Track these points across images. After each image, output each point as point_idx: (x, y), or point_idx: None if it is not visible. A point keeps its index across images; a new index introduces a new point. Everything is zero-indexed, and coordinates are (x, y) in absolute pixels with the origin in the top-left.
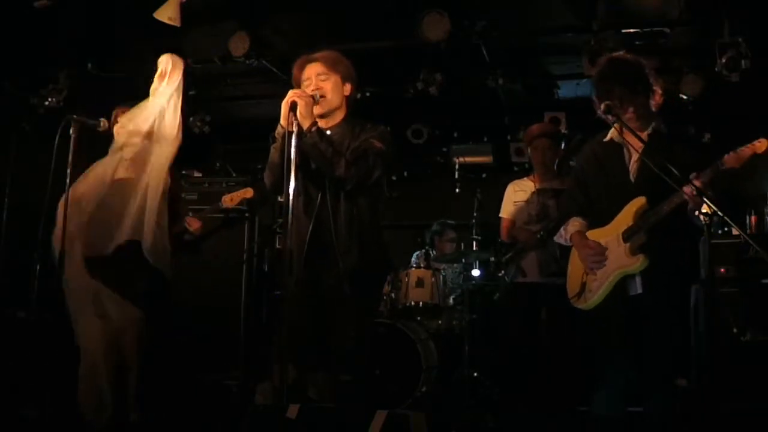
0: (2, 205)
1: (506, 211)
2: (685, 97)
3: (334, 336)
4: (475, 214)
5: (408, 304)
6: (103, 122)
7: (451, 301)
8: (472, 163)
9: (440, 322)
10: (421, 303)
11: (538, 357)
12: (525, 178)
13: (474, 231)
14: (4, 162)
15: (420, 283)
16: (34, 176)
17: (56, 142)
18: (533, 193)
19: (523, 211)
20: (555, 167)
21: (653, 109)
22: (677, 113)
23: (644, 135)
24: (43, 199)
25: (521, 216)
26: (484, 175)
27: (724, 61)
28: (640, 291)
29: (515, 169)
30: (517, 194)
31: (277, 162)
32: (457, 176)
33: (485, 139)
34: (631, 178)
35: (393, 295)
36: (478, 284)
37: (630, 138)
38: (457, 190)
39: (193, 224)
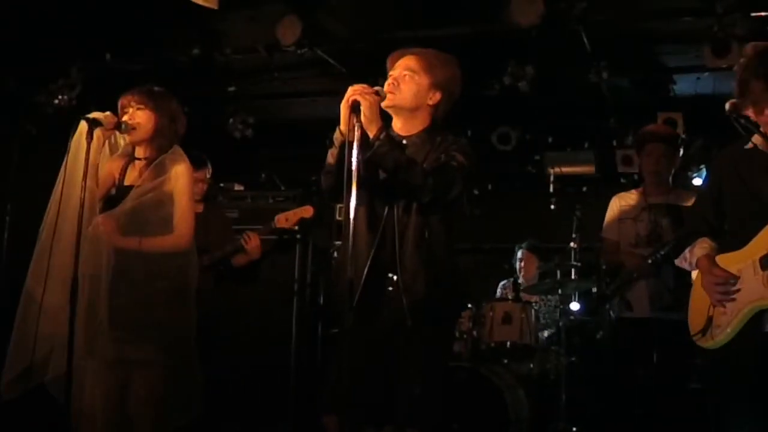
0: (2, 222)
1: (609, 230)
2: None
3: (399, 382)
4: (573, 235)
5: (493, 345)
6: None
7: (544, 340)
8: (571, 174)
9: (532, 365)
10: (508, 343)
11: (648, 407)
12: (633, 191)
13: (573, 256)
14: (5, 171)
15: (507, 318)
16: (41, 188)
17: (87, 147)
18: (643, 209)
19: (629, 230)
20: (670, 178)
21: None
22: None
23: None
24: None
25: (628, 236)
26: (584, 189)
27: None
28: None
29: (622, 181)
30: (623, 210)
31: (335, 167)
32: (552, 190)
33: (586, 146)
34: None
35: (475, 333)
36: (577, 320)
37: None
38: (552, 207)
39: (252, 241)
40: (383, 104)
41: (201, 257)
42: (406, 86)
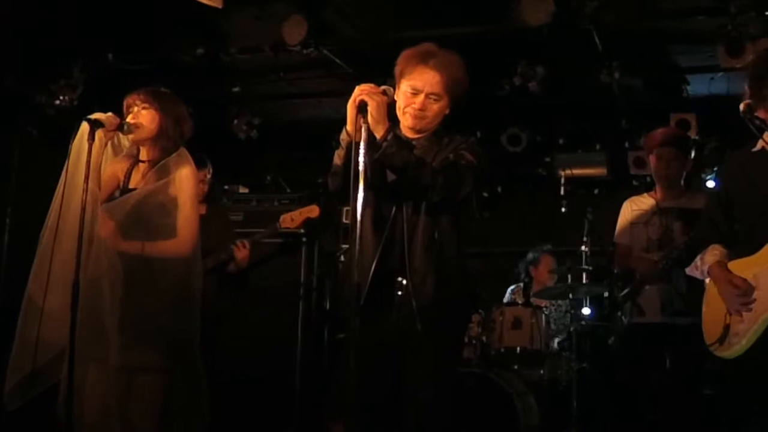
0: (3, 226)
1: (621, 235)
2: None
3: (407, 387)
4: (585, 238)
5: (502, 350)
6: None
7: (555, 345)
8: (582, 176)
9: (542, 371)
10: (518, 348)
11: (660, 413)
12: (645, 194)
13: (584, 260)
14: (5, 173)
15: (517, 323)
16: (42, 191)
17: (89, 149)
18: (654, 213)
19: (641, 235)
20: (682, 182)
21: None
22: None
23: None
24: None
25: (639, 241)
26: (596, 191)
27: None
28: None
29: (634, 183)
30: (634, 214)
31: (342, 169)
32: (563, 192)
33: (598, 147)
34: None
35: (484, 338)
36: (588, 325)
37: None
38: (563, 210)
39: (240, 252)
40: (407, 125)
41: (204, 260)
42: (432, 112)
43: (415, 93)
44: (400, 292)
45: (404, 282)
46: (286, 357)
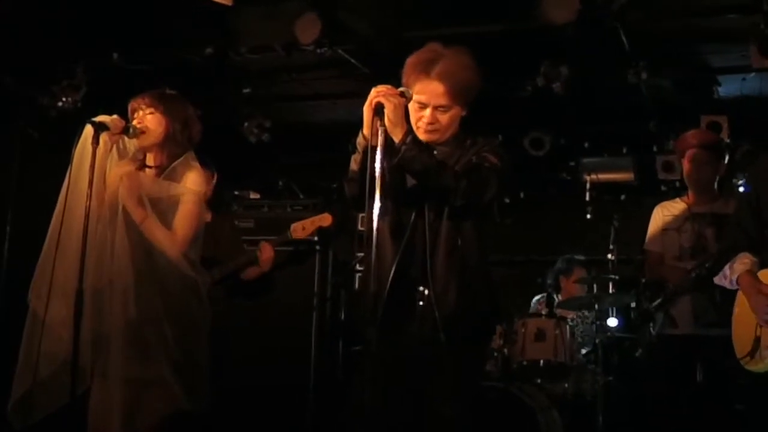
0: (3, 233)
1: (652, 242)
2: None
3: (428, 401)
4: (611, 246)
5: (525, 363)
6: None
7: (581, 358)
8: (608, 182)
9: (566, 385)
10: (542, 361)
11: (690, 429)
12: (677, 199)
13: (610, 269)
14: (5, 178)
15: (541, 335)
16: (43, 196)
17: (93, 152)
18: (686, 219)
19: (673, 242)
20: (715, 186)
21: None
22: None
23: None
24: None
25: (671, 248)
26: (622, 197)
27: None
28: None
29: (663, 188)
30: (666, 220)
31: (359, 174)
32: (588, 198)
33: (624, 151)
34: None
35: (506, 351)
36: (615, 337)
37: None
38: (588, 216)
39: (265, 252)
40: (425, 138)
41: (212, 270)
42: (444, 124)
43: (422, 107)
44: (421, 302)
45: (426, 292)
46: (298, 370)
